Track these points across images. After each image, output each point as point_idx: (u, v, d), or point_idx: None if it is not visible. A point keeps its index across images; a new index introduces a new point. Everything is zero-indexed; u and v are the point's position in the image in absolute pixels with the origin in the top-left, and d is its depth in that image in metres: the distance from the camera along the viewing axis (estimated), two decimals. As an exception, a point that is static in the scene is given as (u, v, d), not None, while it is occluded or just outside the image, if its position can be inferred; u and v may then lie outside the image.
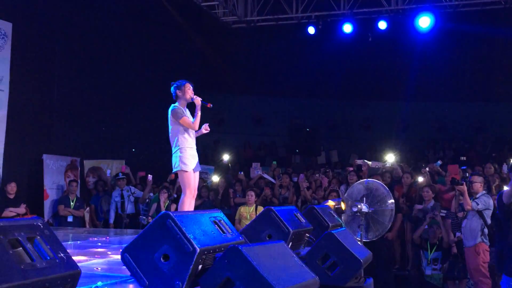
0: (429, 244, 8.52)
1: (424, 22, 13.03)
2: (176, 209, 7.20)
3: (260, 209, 8.87)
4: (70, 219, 9.98)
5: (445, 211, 8.85)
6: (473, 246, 7.38)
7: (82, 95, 11.73)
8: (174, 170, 5.90)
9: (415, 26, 13.46)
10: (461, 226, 7.82)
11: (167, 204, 9.59)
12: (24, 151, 10.51)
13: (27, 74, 10.49)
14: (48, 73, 11.10)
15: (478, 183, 7.41)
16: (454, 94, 17.68)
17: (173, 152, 5.88)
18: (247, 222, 7.73)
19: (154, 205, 9.86)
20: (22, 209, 9.11)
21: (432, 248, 8.49)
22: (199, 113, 5.92)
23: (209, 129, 6.18)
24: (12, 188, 9.26)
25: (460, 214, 8.14)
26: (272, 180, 11.63)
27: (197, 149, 6.07)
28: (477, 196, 7.34)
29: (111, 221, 10.50)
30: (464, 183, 7.45)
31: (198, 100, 5.95)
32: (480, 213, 7.26)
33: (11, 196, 9.24)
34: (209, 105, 6.01)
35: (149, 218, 9.53)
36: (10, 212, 8.98)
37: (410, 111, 17.58)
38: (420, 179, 9.84)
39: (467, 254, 7.57)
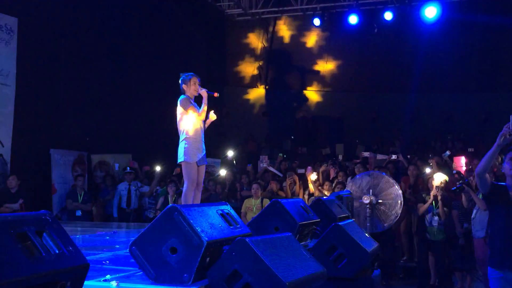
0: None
1: (430, 12, 12.95)
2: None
3: (266, 201, 8.87)
4: (78, 213, 10.01)
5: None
6: (483, 238, 7.38)
7: (88, 90, 11.75)
8: (178, 161, 5.91)
9: (421, 17, 13.38)
10: (469, 217, 7.81)
11: (174, 198, 9.62)
12: (32, 146, 10.54)
13: (33, 69, 10.51)
14: (54, 68, 11.12)
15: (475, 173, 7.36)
16: (461, 85, 17.58)
17: (179, 143, 5.89)
18: (253, 215, 7.74)
19: (161, 199, 9.89)
20: (16, 206, 8.85)
21: (437, 203, 8.40)
22: (205, 104, 5.92)
23: (215, 116, 6.14)
24: (10, 182, 9.05)
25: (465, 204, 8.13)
26: (278, 173, 11.63)
27: (204, 142, 6.06)
28: None
29: (115, 213, 10.53)
30: (468, 181, 7.45)
31: (203, 92, 5.95)
32: None
33: (13, 190, 9.06)
34: (216, 95, 6.00)
35: (157, 211, 9.57)
36: (6, 208, 8.76)
37: (416, 103, 17.50)
38: (427, 170, 9.81)
39: (476, 246, 7.56)
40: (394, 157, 11.23)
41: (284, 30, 17.49)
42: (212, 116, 6.14)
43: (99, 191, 11.32)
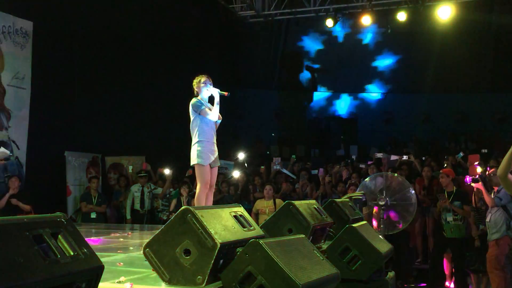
0: (446, 193, 8.40)
1: (444, 12, 12.85)
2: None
3: (279, 202, 8.84)
4: (92, 215, 10.07)
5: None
6: (498, 240, 7.28)
7: (102, 92, 11.83)
8: (191, 163, 5.93)
9: (435, 17, 13.29)
10: (484, 219, 7.72)
11: (188, 199, 9.63)
12: (47, 148, 10.63)
13: (48, 72, 10.59)
14: (68, 71, 11.21)
15: (497, 176, 7.26)
16: (475, 85, 17.45)
17: (191, 145, 5.90)
18: (265, 217, 7.74)
19: (174, 201, 9.91)
20: (27, 207, 8.77)
21: (449, 197, 8.35)
22: (218, 104, 5.92)
23: (227, 92, 6.05)
24: (13, 182, 8.91)
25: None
26: (291, 175, 11.61)
27: (217, 144, 6.07)
28: (498, 189, 7.21)
29: (128, 215, 10.59)
30: (480, 179, 7.33)
31: (215, 91, 5.94)
32: (503, 206, 7.15)
33: (14, 191, 8.91)
34: (226, 94, 5.98)
35: (170, 213, 9.59)
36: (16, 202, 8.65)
37: (430, 103, 17.41)
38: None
39: (491, 248, 7.45)
40: (405, 157, 11.15)
41: (297, 32, 17.47)
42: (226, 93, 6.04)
43: (112, 193, 11.38)
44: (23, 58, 10.09)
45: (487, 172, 7.79)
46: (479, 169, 8.36)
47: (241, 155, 13.51)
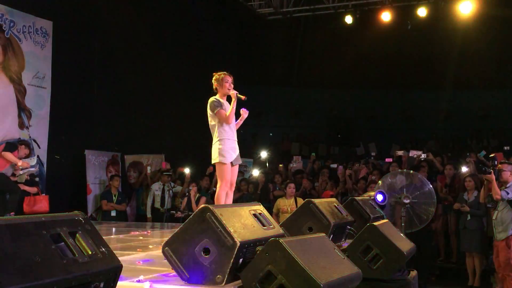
0: None
1: (466, 7, 12.65)
2: (206, 203, 7.20)
3: (300, 201, 8.76)
4: (113, 213, 10.12)
5: (491, 203, 8.59)
6: (505, 239, 7.05)
7: (121, 91, 11.88)
8: (212, 161, 5.89)
9: (456, 13, 13.09)
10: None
11: (197, 197, 9.63)
12: (67, 147, 10.71)
13: (68, 71, 10.67)
14: (88, 70, 11.28)
15: (507, 172, 7.10)
16: (498, 82, 17.16)
17: (213, 144, 5.87)
18: (287, 215, 7.67)
19: (185, 199, 9.88)
20: (34, 189, 8.64)
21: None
22: (233, 107, 5.87)
23: (247, 112, 6.08)
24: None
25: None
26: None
27: (237, 141, 6.03)
28: (508, 185, 7.05)
29: (149, 213, 10.62)
30: (492, 171, 7.14)
31: (233, 94, 5.89)
32: (511, 203, 6.97)
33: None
34: (244, 98, 5.92)
35: (179, 211, 9.64)
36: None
37: (451, 100, 17.18)
38: (464, 169, 9.59)
39: (498, 248, 7.22)
40: (423, 156, 10.98)
41: (316, 29, 17.36)
42: (245, 113, 6.07)
43: (132, 191, 11.42)
44: (43, 58, 10.17)
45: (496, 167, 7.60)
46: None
47: (263, 154, 13.46)
